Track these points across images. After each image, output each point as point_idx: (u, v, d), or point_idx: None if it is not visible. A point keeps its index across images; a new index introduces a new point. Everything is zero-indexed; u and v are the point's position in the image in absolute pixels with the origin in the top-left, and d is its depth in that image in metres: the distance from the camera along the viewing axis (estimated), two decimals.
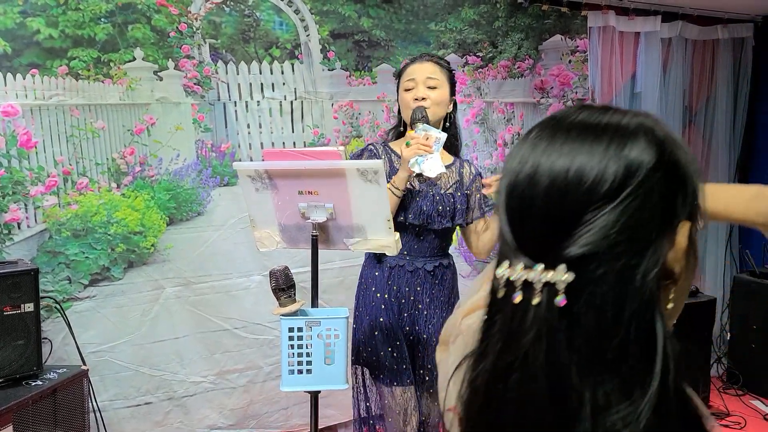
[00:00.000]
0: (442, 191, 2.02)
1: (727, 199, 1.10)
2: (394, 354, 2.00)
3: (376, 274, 2.05)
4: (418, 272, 2.02)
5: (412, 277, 2.01)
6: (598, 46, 3.76)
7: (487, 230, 2.08)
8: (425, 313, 2.03)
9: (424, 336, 2.03)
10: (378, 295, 2.02)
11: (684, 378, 0.58)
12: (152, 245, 2.77)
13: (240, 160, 2.94)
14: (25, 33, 2.52)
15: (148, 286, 2.78)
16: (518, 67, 3.57)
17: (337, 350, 1.68)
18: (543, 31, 3.61)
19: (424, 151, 1.84)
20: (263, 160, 1.74)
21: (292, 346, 1.67)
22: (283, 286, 1.69)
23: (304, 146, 3.06)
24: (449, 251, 2.15)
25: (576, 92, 3.71)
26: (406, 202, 1.96)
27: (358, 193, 1.65)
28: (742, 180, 4.33)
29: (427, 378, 2.05)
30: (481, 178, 2.12)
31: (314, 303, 1.75)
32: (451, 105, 2.09)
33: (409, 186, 1.96)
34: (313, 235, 1.72)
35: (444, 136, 1.93)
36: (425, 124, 1.91)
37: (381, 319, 2.01)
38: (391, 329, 2.00)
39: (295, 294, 1.72)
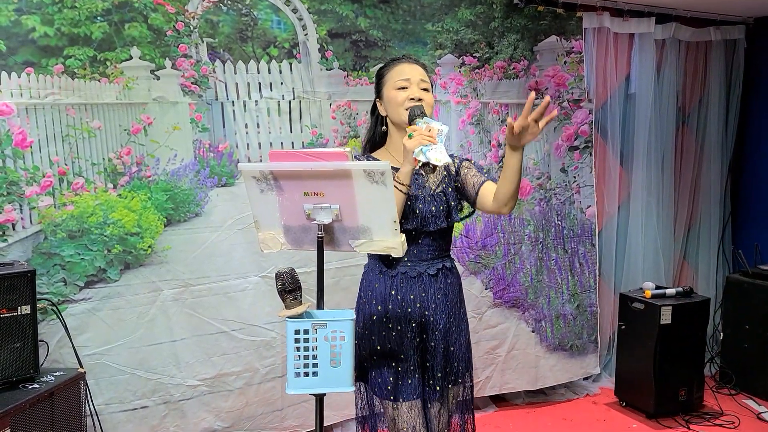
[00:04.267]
0: (432, 191, 1.96)
1: None
2: (399, 368, 1.93)
3: (376, 286, 1.97)
4: (421, 277, 1.95)
5: (416, 283, 1.94)
6: (593, 47, 3.78)
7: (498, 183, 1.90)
8: (432, 319, 1.95)
9: (432, 344, 1.96)
10: (379, 308, 1.95)
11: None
12: (149, 246, 2.74)
13: (238, 160, 2.92)
14: (20, 31, 2.48)
15: (145, 288, 2.75)
16: (514, 68, 3.57)
17: (344, 352, 1.66)
18: (538, 32, 3.62)
19: (429, 141, 1.76)
20: (267, 161, 1.72)
21: (298, 349, 1.65)
22: (289, 288, 1.67)
23: (303, 146, 3.04)
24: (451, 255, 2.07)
25: (572, 93, 3.72)
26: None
27: (365, 194, 1.63)
28: (734, 181, 4.37)
29: (437, 388, 1.96)
30: (470, 161, 2.02)
31: (320, 305, 1.73)
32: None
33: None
34: (318, 237, 1.69)
35: (446, 128, 1.84)
36: (426, 117, 1.85)
37: (383, 333, 1.95)
38: (396, 343, 1.93)
39: (301, 296, 1.70)
